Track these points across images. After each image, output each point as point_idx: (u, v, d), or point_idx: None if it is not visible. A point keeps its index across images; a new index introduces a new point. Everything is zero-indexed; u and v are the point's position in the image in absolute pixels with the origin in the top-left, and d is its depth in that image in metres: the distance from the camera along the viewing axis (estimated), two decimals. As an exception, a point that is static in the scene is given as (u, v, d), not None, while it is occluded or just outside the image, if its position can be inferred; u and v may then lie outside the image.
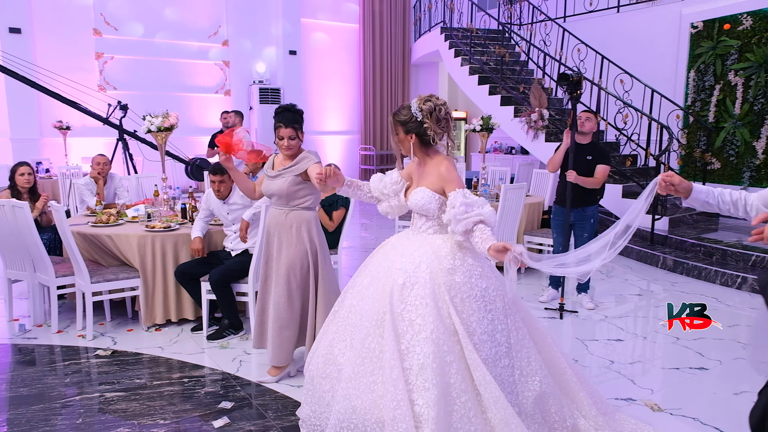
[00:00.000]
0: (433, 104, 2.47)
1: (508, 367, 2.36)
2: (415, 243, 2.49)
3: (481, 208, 2.36)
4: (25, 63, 7.58)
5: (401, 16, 12.48)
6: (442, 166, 2.49)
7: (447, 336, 2.25)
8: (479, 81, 8.98)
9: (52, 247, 4.70)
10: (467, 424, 2.18)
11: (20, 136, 8.94)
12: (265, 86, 10.90)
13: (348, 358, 2.39)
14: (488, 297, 2.38)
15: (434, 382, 2.16)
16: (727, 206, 2.10)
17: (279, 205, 3.29)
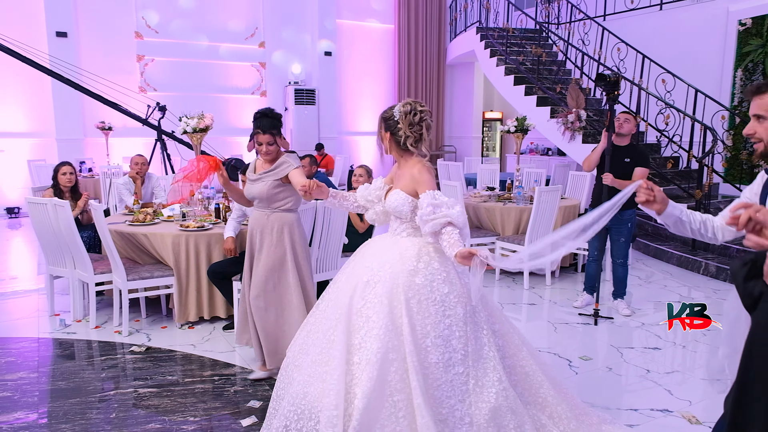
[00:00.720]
0: (410, 107, 2.53)
1: (462, 374, 2.34)
2: (387, 244, 2.56)
3: (450, 209, 2.38)
4: (70, 66, 7.84)
5: (437, 17, 12.42)
6: (414, 168, 2.53)
7: (394, 335, 2.29)
8: (515, 81, 8.85)
9: (92, 245, 4.83)
10: (394, 423, 2.22)
11: (65, 137, 9.25)
12: (301, 87, 10.99)
13: (312, 349, 2.47)
14: (448, 302, 2.38)
15: (372, 376, 2.22)
16: (697, 225, 2.08)
17: (261, 208, 3.37)
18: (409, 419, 2.23)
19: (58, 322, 4.45)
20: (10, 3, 8.88)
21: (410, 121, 2.52)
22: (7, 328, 4.34)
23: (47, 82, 8.33)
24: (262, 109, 3.42)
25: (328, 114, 11.48)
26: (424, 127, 2.56)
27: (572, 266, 6.13)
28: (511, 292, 5.34)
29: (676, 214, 2.02)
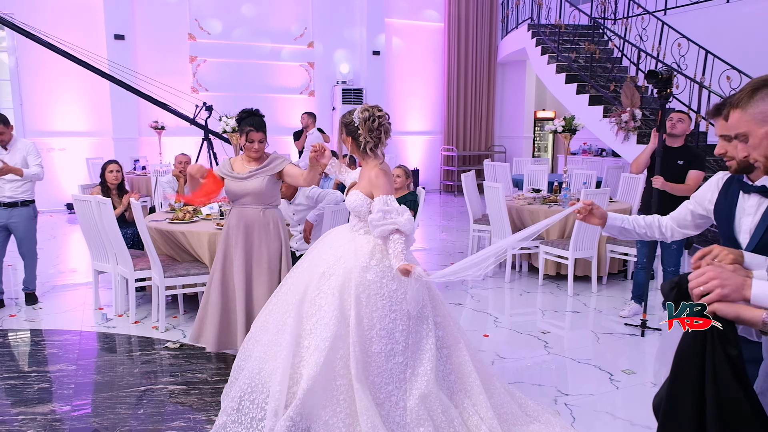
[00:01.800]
0: (369, 114, 2.64)
1: (402, 364, 2.55)
2: (345, 239, 2.71)
3: (399, 216, 2.51)
4: (126, 68, 8.11)
5: (488, 14, 12.16)
6: (372, 172, 2.64)
7: (342, 326, 2.48)
8: (566, 79, 8.54)
9: (135, 241, 4.95)
10: (334, 404, 2.43)
11: (121, 136, 9.60)
12: (348, 87, 11.00)
13: (270, 329, 2.66)
14: (395, 298, 2.55)
15: (318, 361, 2.41)
16: (643, 229, 2.22)
17: (253, 205, 3.43)
18: (349, 402, 2.44)
19: (100, 316, 4.59)
20: (72, 9, 9.29)
21: (369, 126, 2.63)
22: (54, 320, 4.50)
23: (105, 83, 8.65)
24: (247, 108, 3.50)
25: (376, 113, 11.43)
26: (382, 132, 2.67)
27: (621, 273, 5.83)
28: (554, 299, 5.13)
29: (617, 225, 2.22)
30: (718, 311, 1.28)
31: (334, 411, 2.42)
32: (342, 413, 2.43)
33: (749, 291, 1.29)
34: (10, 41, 9.18)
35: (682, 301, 1.35)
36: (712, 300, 1.29)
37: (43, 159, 4.88)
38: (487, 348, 4.02)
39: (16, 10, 8.06)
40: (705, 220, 2.08)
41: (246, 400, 2.55)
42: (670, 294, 1.45)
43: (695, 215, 2.09)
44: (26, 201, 4.71)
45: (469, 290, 5.45)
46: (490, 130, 12.67)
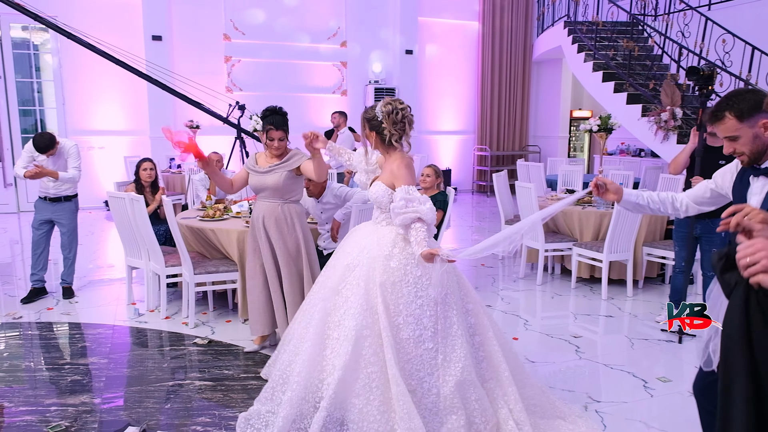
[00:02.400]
0: (392, 107, 2.70)
1: (432, 350, 2.56)
2: (368, 231, 2.79)
3: (421, 205, 2.57)
4: (163, 68, 8.27)
5: (523, 12, 11.97)
6: (394, 164, 2.71)
7: (369, 314, 2.52)
8: (603, 78, 8.33)
9: (168, 238, 5.03)
10: (368, 392, 2.45)
11: (157, 134, 9.78)
12: (381, 86, 10.98)
13: (301, 324, 2.75)
14: (420, 284, 2.58)
15: (347, 350, 2.47)
16: (657, 205, 2.33)
17: (272, 199, 3.55)
18: (382, 389, 2.45)
19: (133, 311, 4.67)
20: (112, 11, 9.52)
21: (393, 119, 2.70)
22: (89, 314, 4.61)
23: (143, 83, 8.84)
24: (270, 106, 3.56)
25: (408, 113, 11.38)
26: (406, 123, 2.73)
27: (659, 277, 5.64)
28: (587, 302, 4.99)
29: (632, 200, 2.32)
30: (763, 282, 1.32)
31: (368, 399, 2.44)
32: (376, 401, 2.44)
33: None
34: (54, 43, 9.47)
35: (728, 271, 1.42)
36: (758, 271, 1.32)
37: (82, 158, 5.05)
38: (517, 351, 3.92)
39: (59, 13, 8.30)
40: (721, 198, 2.26)
41: (278, 391, 2.67)
42: (718, 264, 1.51)
43: (714, 193, 2.27)
44: (69, 196, 4.93)
45: (499, 292, 5.36)
46: (525, 130, 12.47)
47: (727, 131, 2.00)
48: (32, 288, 4.95)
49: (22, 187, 9.43)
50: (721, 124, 2.01)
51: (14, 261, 6.45)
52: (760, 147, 1.98)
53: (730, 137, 2.00)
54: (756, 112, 1.96)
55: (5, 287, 5.35)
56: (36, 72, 9.88)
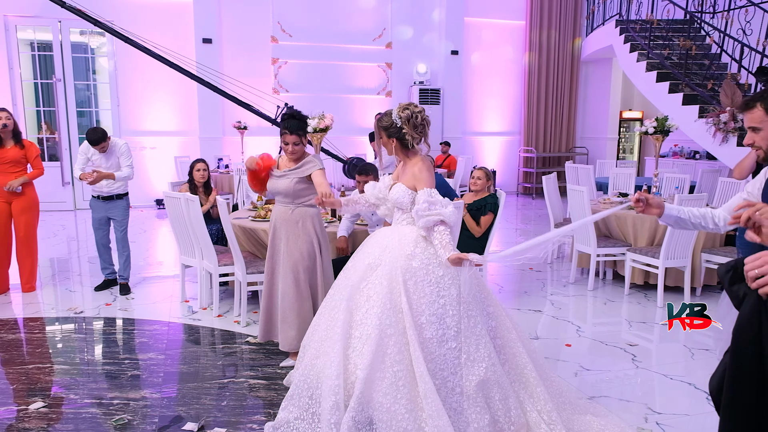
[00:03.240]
0: (410, 112, 2.75)
1: (455, 349, 2.56)
2: (389, 231, 2.82)
3: (444, 207, 2.62)
4: (212, 70, 8.45)
5: (572, 11, 11.73)
6: (416, 167, 2.77)
7: (392, 312, 2.52)
8: (658, 78, 8.08)
9: (219, 237, 5.14)
10: (395, 391, 2.43)
11: (207, 135, 10.03)
12: (425, 87, 10.95)
13: (322, 325, 2.75)
14: (443, 284, 2.60)
15: (371, 349, 2.46)
16: (698, 219, 2.33)
17: (285, 203, 3.56)
18: (409, 387, 2.44)
19: (186, 308, 4.78)
20: (164, 14, 9.80)
21: (414, 123, 2.76)
22: (145, 311, 4.74)
23: (193, 85, 9.06)
24: (290, 110, 3.60)
25: (453, 114, 11.32)
26: (426, 126, 2.81)
27: (719, 284, 5.42)
28: (641, 309, 4.85)
29: (674, 215, 2.31)
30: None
31: (395, 397, 2.43)
32: (403, 399, 2.44)
33: None
34: (109, 46, 9.81)
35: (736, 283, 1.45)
36: (766, 283, 1.36)
37: (134, 157, 5.25)
38: (570, 358, 3.85)
39: (115, 18, 8.59)
40: None
41: (302, 396, 2.63)
42: (726, 276, 1.53)
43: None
44: (121, 194, 5.14)
45: (549, 297, 5.26)
46: (572, 131, 12.22)
47: (753, 121, 2.08)
48: (105, 279, 5.29)
49: (78, 186, 9.79)
50: (750, 113, 2.09)
51: (71, 258, 6.69)
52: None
53: (754, 128, 2.09)
54: None
55: (65, 282, 5.56)
56: (92, 75, 10.25)
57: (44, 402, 3.15)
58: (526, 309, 4.90)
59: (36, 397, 3.21)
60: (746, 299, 1.45)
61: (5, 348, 3.95)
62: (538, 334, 4.34)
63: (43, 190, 5.30)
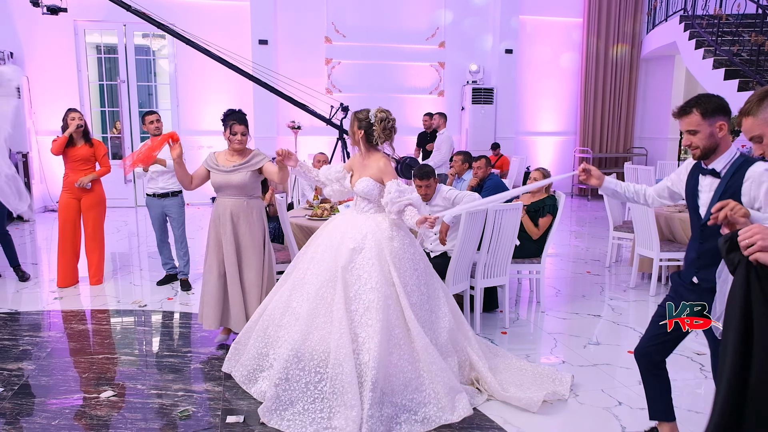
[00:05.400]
0: (385, 116, 3.21)
1: (429, 311, 3.17)
2: (361, 219, 3.22)
3: (411, 194, 3.13)
4: (268, 71, 8.61)
5: (632, 7, 11.34)
6: (381, 162, 3.22)
7: (387, 287, 3.01)
8: (725, 75, 7.72)
9: (276, 235, 5.22)
10: (398, 350, 2.94)
11: (261, 135, 10.22)
12: (478, 86, 10.82)
13: (304, 306, 3.06)
14: (416, 259, 3.19)
15: (378, 318, 2.91)
16: (632, 195, 2.76)
17: (237, 196, 3.76)
18: (407, 345, 2.98)
19: (244, 304, 4.86)
20: (223, 17, 10.05)
21: (384, 126, 3.19)
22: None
23: (248, 85, 9.25)
24: (231, 108, 3.88)
25: (506, 113, 11.15)
26: (393, 132, 3.25)
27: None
28: (709, 318, 4.63)
29: (611, 187, 2.75)
30: (760, 259, 1.64)
31: (400, 355, 2.94)
32: (406, 354, 2.95)
33: None
34: (170, 49, 10.14)
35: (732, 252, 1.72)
36: (756, 250, 1.63)
37: (192, 156, 5.38)
38: (632, 365, 3.67)
39: (176, 20, 8.87)
40: (677, 195, 2.64)
41: (294, 369, 2.91)
42: (724, 246, 1.76)
43: (671, 190, 2.66)
44: (176, 191, 5.25)
45: (608, 301, 5.10)
46: (630, 131, 11.84)
47: (690, 125, 2.32)
48: (166, 274, 5.47)
49: (139, 184, 10.16)
50: (687, 118, 2.32)
51: (132, 253, 6.95)
52: (712, 144, 2.30)
53: (691, 131, 2.32)
54: (718, 114, 2.29)
55: (128, 276, 5.77)
56: (153, 76, 10.63)
57: (114, 391, 3.28)
58: (585, 313, 4.77)
59: (106, 387, 3.34)
60: (739, 265, 1.71)
61: (76, 338, 4.14)
62: (598, 339, 4.21)
63: (106, 187, 5.51)
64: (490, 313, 4.68)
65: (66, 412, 3.05)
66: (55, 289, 5.25)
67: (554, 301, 5.10)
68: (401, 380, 2.91)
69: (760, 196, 2.18)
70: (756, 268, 1.67)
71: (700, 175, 2.39)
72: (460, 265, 4.03)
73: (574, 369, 3.70)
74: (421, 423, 2.88)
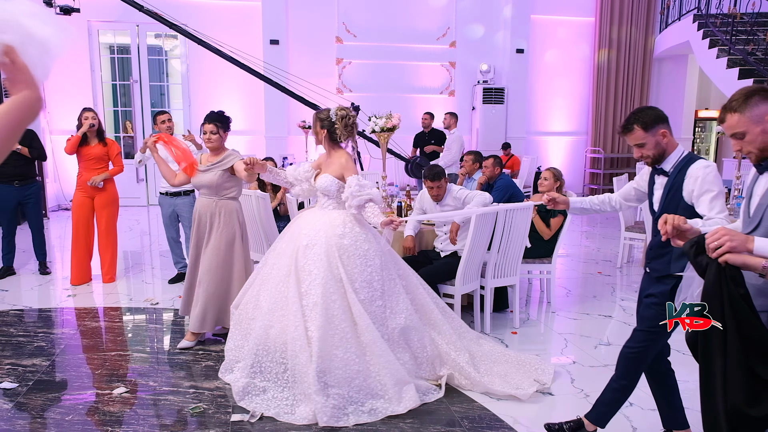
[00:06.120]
0: (345, 113, 3.33)
1: (381, 306, 3.21)
2: (318, 215, 3.34)
3: (371, 189, 3.21)
4: (279, 71, 8.64)
5: (645, 7, 11.26)
6: (342, 158, 3.32)
7: (333, 282, 3.10)
8: (740, 75, 7.65)
9: (286, 234, 5.23)
10: (344, 343, 3.02)
11: (272, 134, 10.27)
12: (489, 86, 10.79)
13: (268, 300, 3.21)
14: (368, 256, 3.22)
15: (320, 313, 3.02)
16: (597, 206, 2.85)
17: (209, 195, 3.86)
18: (355, 339, 3.05)
19: (255, 302, 4.89)
20: (234, 17, 10.11)
21: (345, 123, 3.30)
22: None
23: (260, 85, 9.29)
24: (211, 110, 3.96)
25: (517, 113, 11.11)
26: (354, 129, 3.36)
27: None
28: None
29: (578, 206, 2.85)
30: (729, 260, 1.70)
31: (347, 348, 3.01)
32: (353, 347, 3.03)
33: (752, 244, 1.72)
34: (182, 49, 10.20)
35: (699, 255, 1.79)
36: (725, 251, 1.70)
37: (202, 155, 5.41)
38: (645, 368, 3.68)
39: (188, 20, 8.93)
40: (644, 195, 2.73)
41: (264, 360, 3.09)
42: (690, 250, 1.83)
43: (638, 191, 2.77)
44: (188, 190, 5.29)
45: (619, 302, 5.08)
46: (642, 131, 11.73)
47: (636, 140, 2.49)
48: (178, 272, 5.49)
49: (151, 183, 10.24)
50: (631, 135, 2.49)
51: (144, 251, 7.00)
52: (660, 151, 2.49)
53: (639, 144, 2.49)
54: (657, 123, 2.46)
55: (139, 275, 5.82)
56: (165, 76, 10.70)
57: (126, 388, 3.31)
58: (596, 314, 4.75)
59: (118, 383, 3.37)
60: (708, 267, 1.78)
61: (89, 335, 4.18)
62: (609, 339, 4.19)
63: (119, 186, 5.56)
64: (500, 313, 4.67)
65: (79, 408, 3.09)
66: (68, 287, 5.31)
67: (565, 302, 5.08)
68: (348, 372, 2.99)
69: (696, 189, 2.38)
70: (725, 269, 1.73)
71: (655, 175, 2.59)
72: (471, 265, 4.02)
73: (584, 369, 3.68)
74: (368, 414, 2.97)
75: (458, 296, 3.99)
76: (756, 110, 1.93)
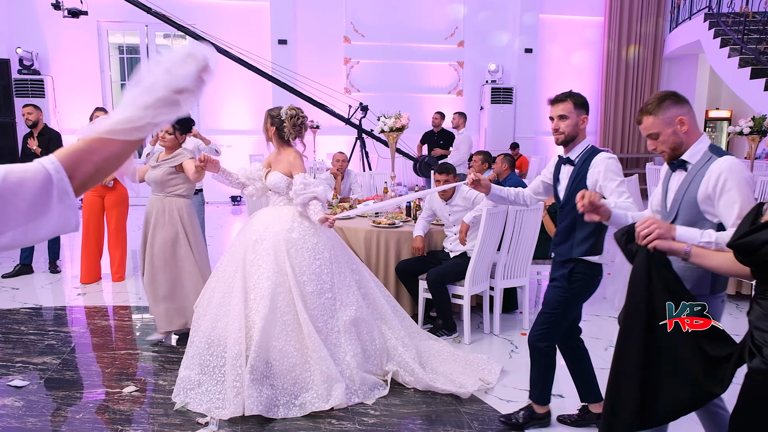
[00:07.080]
0: (295, 113, 3.37)
1: (331, 299, 3.26)
2: (269, 212, 3.43)
3: (316, 187, 3.26)
4: (287, 70, 8.65)
5: (654, 5, 11.19)
6: (291, 156, 3.39)
7: (280, 275, 3.15)
8: (752, 74, 7.57)
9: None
10: (286, 335, 3.08)
11: (281, 134, 10.27)
12: (498, 86, 10.76)
13: (219, 296, 3.23)
14: (317, 249, 3.27)
15: (265, 304, 3.07)
16: (513, 198, 2.98)
17: (156, 192, 3.85)
18: (296, 332, 3.10)
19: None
20: (243, 17, 10.13)
21: (294, 122, 3.34)
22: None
23: (267, 85, 9.30)
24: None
25: (525, 113, 11.07)
26: (303, 128, 3.41)
27: None
28: (733, 320, 4.54)
29: (497, 194, 2.95)
30: (658, 246, 1.91)
31: (286, 340, 3.06)
32: (292, 340, 3.08)
33: (675, 232, 1.95)
34: (191, 49, 10.22)
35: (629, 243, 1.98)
36: (654, 238, 1.89)
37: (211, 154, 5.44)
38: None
39: (196, 21, 8.96)
40: (551, 187, 2.83)
41: (205, 355, 3.10)
42: (622, 238, 2.00)
43: (545, 184, 2.90)
44: (196, 190, 5.25)
45: (616, 305, 5.04)
46: (651, 131, 11.67)
47: (564, 110, 2.62)
48: None
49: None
50: (561, 104, 2.62)
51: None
52: (574, 132, 2.62)
53: (562, 116, 2.61)
54: (584, 108, 2.63)
55: (150, 273, 5.83)
56: (175, 76, 10.75)
57: (136, 386, 3.32)
58: (606, 315, 4.71)
59: (128, 381, 3.38)
60: (638, 253, 1.93)
61: (99, 333, 4.20)
62: (620, 342, 4.15)
63: (128, 185, 5.59)
64: (509, 314, 4.65)
65: (89, 406, 3.09)
66: (78, 285, 5.33)
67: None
68: (286, 364, 3.03)
69: (600, 179, 2.55)
70: (654, 255, 1.91)
71: (561, 165, 2.73)
72: (480, 266, 4.00)
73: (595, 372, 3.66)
74: (299, 408, 3.01)
75: (467, 297, 3.97)
76: (668, 113, 2.10)
